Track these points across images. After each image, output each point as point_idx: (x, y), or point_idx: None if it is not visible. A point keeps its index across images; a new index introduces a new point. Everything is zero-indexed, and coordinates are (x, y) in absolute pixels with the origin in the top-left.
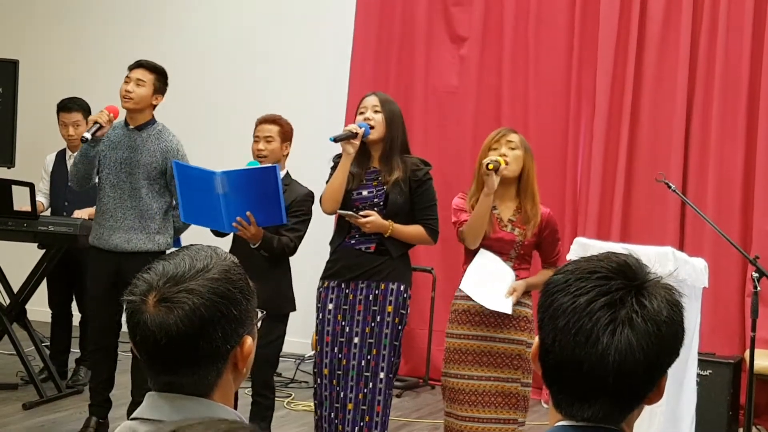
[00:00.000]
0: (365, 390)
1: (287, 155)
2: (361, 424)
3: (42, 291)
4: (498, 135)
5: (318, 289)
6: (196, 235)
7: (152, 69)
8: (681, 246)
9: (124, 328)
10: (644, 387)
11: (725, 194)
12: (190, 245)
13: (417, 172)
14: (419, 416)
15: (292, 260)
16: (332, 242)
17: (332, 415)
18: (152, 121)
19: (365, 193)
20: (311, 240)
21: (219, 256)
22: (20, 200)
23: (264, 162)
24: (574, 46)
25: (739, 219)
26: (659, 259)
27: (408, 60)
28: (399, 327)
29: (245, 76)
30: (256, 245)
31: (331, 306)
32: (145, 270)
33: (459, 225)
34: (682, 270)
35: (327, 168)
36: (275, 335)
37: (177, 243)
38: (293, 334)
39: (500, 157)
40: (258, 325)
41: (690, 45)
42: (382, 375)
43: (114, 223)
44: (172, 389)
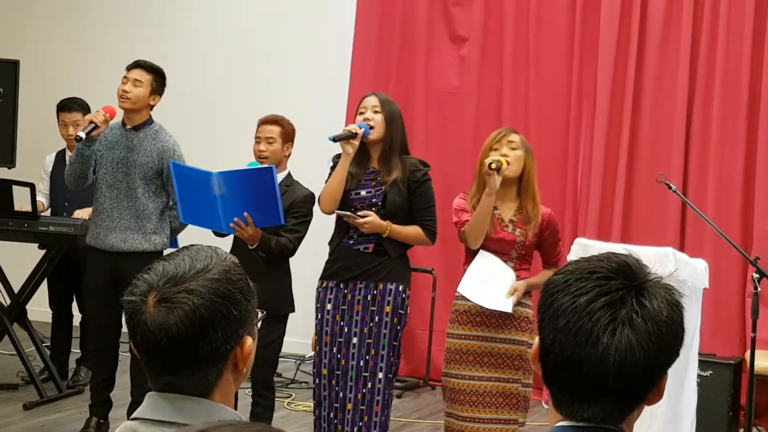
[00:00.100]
0: (364, 390)
1: (289, 156)
2: (360, 425)
3: (42, 291)
4: (499, 135)
5: (317, 290)
6: (197, 236)
7: (150, 69)
8: (681, 247)
9: (125, 328)
10: (644, 387)
11: (726, 195)
12: (191, 245)
13: (416, 173)
14: (419, 417)
15: (292, 261)
16: (331, 242)
17: (331, 415)
18: (149, 122)
19: (363, 193)
20: (311, 240)
21: (219, 257)
22: (20, 200)
23: (265, 163)
24: (575, 47)
25: (740, 220)
26: (660, 260)
27: (408, 60)
28: (398, 327)
29: (245, 76)
30: (254, 246)
31: (330, 306)
32: (145, 270)
33: (460, 225)
34: (683, 271)
35: (327, 168)
36: (275, 336)
37: (174, 243)
38: (293, 335)
39: (502, 157)
40: (258, 326)
41: (690, 46)
42: (381, 375)
43: (110, 223)
44: (173, 389)
